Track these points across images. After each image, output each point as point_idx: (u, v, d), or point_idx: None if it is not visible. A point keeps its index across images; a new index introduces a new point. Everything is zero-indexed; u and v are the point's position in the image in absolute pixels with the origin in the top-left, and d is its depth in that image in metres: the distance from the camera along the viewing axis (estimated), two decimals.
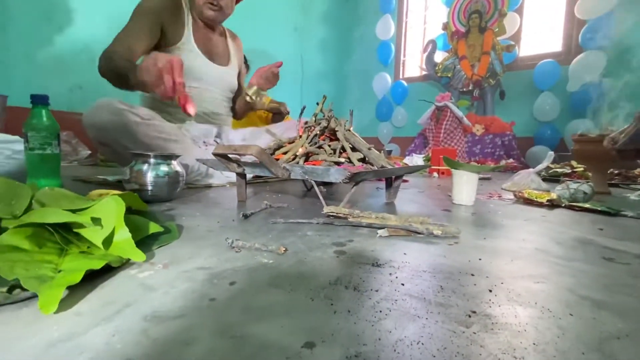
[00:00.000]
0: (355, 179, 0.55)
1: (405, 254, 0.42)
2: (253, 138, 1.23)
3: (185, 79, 1.04)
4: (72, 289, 0.29)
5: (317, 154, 0.68)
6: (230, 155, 0.68)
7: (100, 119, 0.78)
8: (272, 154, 0.67)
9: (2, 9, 1.52)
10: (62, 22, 1.69)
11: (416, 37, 3.58)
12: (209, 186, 0.94)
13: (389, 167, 0.69)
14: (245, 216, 0.57)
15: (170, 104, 1.05)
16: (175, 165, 0.71)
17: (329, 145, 0.70)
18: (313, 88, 3.40)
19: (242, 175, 0.71)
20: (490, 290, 0.31)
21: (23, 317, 0.24)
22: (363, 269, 0.36)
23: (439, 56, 3.15)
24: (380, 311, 0.26)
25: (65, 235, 0.36)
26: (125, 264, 0.35)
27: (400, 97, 3.42)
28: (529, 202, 0.85)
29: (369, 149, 0.73)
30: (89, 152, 1.64)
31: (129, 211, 0.49)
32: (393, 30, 3.46)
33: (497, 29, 2.81)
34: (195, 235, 0.46)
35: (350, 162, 0.67)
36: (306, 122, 0.77)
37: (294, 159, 0.65)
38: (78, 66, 1.71)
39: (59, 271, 0.30)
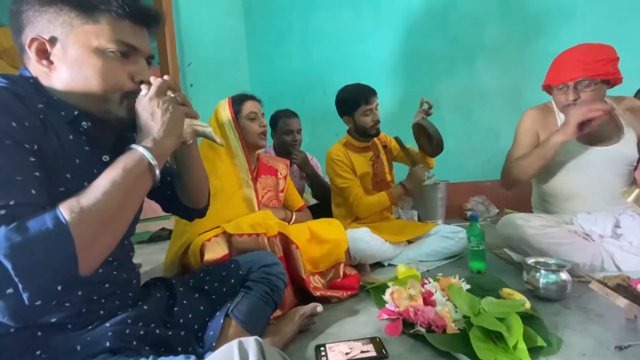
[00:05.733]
0: None
1: None
2: None
3: (569, 173, 1.23)
4: None
5: None
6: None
7: (506, 232, 1.20)
8: None
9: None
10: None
11: None
12: (602, 282, 1.04)
13: None
14: (620, 348, 0.70)
15: (556, 198, 1.26)
16: (562, 275, 0.95)
17: None
18: None
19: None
20: None
21: None
22: None
23: None
24: None
25: (497, 333, 0.77)
26: None
27: None
28: None
29: None
30: (497, 210, 2.15)
31: (525, 314, 0.83)
32: None
33: None
34: (568, 356, 0.70)
35: None
36: None
37: None
38: (486, 144, 2.31)
39: (495, 358, 0.70)
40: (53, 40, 0.53)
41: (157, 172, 0.52)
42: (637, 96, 1.68)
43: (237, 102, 1.18)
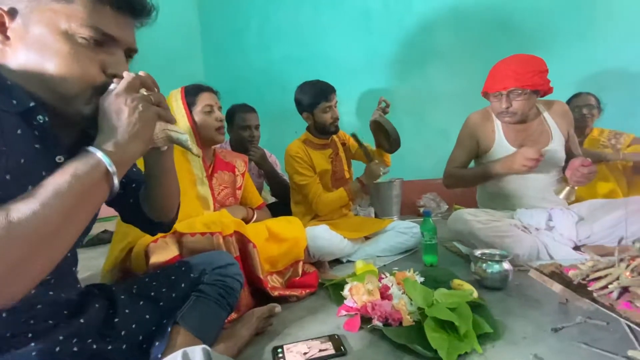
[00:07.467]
0: None
1: None
2: (595, 214, 1.23)
3: (507, 175, 1.34)
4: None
5: None
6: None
7: (456, 226, 1.27)
8: (585, 277, 0.79)
9: None
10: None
11: None
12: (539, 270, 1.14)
13: None
14: (555, 330, 0.77)
15: (497, 197, 1.38)
16: (504, 265, 1.02)
17: None
18: None
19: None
20: None
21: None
22: None
23: None
24: None
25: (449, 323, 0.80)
26: (470, 352, 0.73)
27: None
28: None
29: None
30: (447, 206, 2.28)
31: (473, 303, 0.88)
32: None
33: None
34: (511, 340, 0.75)
35: None
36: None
37: (606, 288, 0.74)
38: (437, 144, 2.43)
39: (447, 347, 0.73)
40: (12, 12, 0.45)
41: (116, 181, 0.44)
42: (571, 102, 1.87)
43: (192, 93, 1.10)
